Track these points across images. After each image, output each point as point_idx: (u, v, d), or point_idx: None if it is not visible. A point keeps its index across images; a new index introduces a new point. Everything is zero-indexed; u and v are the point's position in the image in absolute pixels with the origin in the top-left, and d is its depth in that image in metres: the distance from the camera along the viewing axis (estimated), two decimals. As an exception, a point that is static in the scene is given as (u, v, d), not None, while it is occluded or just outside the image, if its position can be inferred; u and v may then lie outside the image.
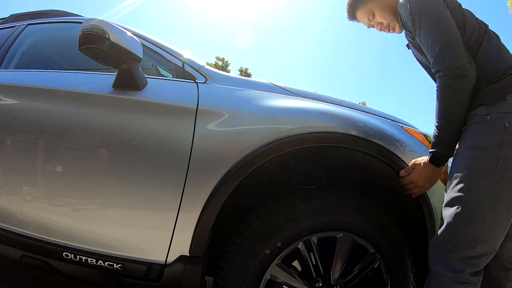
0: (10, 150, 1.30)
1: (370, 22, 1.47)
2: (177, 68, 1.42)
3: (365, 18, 1.47)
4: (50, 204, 1.24)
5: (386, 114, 1.48)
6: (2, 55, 1.62)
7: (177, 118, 1.22)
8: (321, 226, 1.22)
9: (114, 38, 1.16)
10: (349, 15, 1.51)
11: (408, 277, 1.30)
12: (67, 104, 1.30)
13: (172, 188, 1.15)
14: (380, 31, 1.50)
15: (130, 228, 1.17)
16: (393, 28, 1.45)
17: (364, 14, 1.46)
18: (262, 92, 1.34)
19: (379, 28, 1.48)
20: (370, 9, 1.45)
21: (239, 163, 1.15)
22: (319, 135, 1.23)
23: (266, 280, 1.18)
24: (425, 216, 1.30)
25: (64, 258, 1.19)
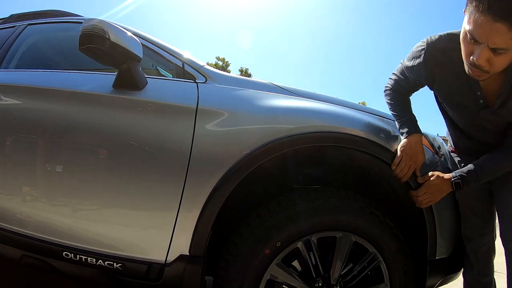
0: (10, 150, 1.30)
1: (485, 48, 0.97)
2: (177, 68, 1.42)
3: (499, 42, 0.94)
4: (50, 204, 1.24)
5: (386, 114, 1.48)
6: (2, 55, 1.62)
7: (177, 118, 1.22)
8: (321, 226, 1.22)
9: (114, 38, 1.16)
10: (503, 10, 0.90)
11: (408, 277, 1.30)
12: (67, 104, 1.30)
13: (172, 187, 1.15)
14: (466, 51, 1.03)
15: (130, 228, 1.17)
16: (483, 78, 1.06)
17: (506, 39, 0.93)
18: (262, 92, 1.34)
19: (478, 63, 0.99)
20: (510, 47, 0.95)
21: (239, 163, 1.15)
22: (319, 135, 1.23)
23: (266, 280, 1.18)
24: (425, 216, 1.30)
25: (64, 257, 1.19)
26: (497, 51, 0.96)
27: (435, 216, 1.31)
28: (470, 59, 1.01)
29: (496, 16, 0.91)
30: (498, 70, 1.01)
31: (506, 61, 0.99)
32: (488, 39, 0.95)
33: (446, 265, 1.38)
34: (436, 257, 1.33)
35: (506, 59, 0.98)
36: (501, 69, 1.01)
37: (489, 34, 0.94)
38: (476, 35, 0.97)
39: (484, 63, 0.99)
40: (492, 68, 1.00)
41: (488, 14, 0.92)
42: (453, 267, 1.42)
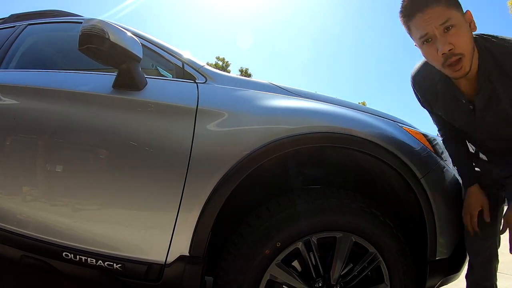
0: (10, 150, 1.30)
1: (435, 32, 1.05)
2: (177, 68, 1.42)
3: (438, 19, 1.04)
4: (50, 204, 1.24)
5: (386, 114, 1.48)
6: (2, 55, 1.62)
7: (177, 118, 1.22)
8: (321, 226, 1.22)
9: (114, 38, 1.16)
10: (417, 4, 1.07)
11: (408, 277, 1.30)
12: (67, 104, 1.30)
13: (172, 188, 1.15)
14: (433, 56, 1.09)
15: (130, 228, 1.17)
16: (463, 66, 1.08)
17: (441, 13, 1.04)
18: (262, 92, 1.34)
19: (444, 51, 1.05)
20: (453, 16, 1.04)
21: (239, 163, 1.15)
22: (319, 135, 1.23)
23: (266, 280, 1.18)
24: (425, 216, 1.30)
25: (64, 258, 1.19)
26: (447, 29, 1.04)
27: (435, 216, 1.30)
28: (440, 56, 1.07)
29: (417, 9, 1.05)
30: (465, 46, 1.05)
31: (463, 33, 1.05)
32: (432, 26, 1.04)
33: (446, 265, 1.38)
34: (436, 258, 1.32)
35: (461, 32, 1.05)
36: (465, 45, 1.05)
37: (428, 22, 1.04)
38: (423, 32, 1.07)
39: (449, 46, 1.04)
40: (458, 46, 1.05)
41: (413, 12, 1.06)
42: (453, 267, 1.42)
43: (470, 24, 1.09)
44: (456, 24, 1.04)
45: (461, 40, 1.05)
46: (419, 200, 1.29)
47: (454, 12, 1.05)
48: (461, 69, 1.08)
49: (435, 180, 1.35)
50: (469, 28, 1.08)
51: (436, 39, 1.06)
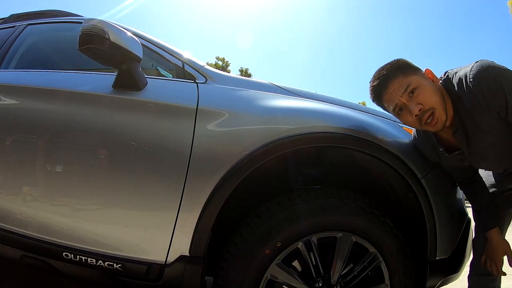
0: (10, 150, 1.30)
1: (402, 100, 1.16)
2: (177, 68, 1.42)
3: (399, 89, 1.17)
4: (50, 204, 1.24)
5: (386, 114, 1.47)
6: (2, 55, 1.62)
7: (177, 118, 1.22)
8: (321, 226, 1.22)
9: (114, 38, 1.16)
10: (380, 81, 1.20)
11: (408, 277, 1.30)
12: (67, 104, 1.30)
13: (172, 188, 1.15)
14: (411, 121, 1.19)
15: (130, 228, 1.17)
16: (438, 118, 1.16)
17: (401, 83, 1.16)
18: (262, 92, 1.34)
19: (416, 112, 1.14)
20: (412, 81, 1.16)
21: (239, 163, 1.15)
22: (319, 135, 1.23)
23: (266, 280, 1.18)
24: (425, 216, 1.30)
25: (64, 258, 1.19)
26: (411, 93, 1.16)
27: (435, 216, 1.30)
28: (415, 119, 1.17)
29: (381, 88, 1.20)
30: (431, 101, 1.15)
31: (426, 92, 1.16)
32: (397, 98, 1.18)
33: (446, 265, 1.38)
34: (437, 258, 1.33)
35: (424, 90, 1.16)
36: (432, 100, 1.15)
37: (393, 95, 1.18)
38: (393, 105, 1.20)
39: (418, 107, 1.15)
40: (426, 103, 1.15)
41: (380, 92, 1.21)
42: (453, 267, 1.42)
43: (432, 80, 1.20)
44: (418, 85, 1.16)
45: (426, 97, 1.15)
46: (419, 200, 1.29)
47: (412, 77, 1.17)
48: (437, 122, 1.17)
49: (435, 180, 1.35)
50: (431, 83, 1.19)
51: (406, 105, 1.17)
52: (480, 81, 1.11)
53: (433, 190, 1.32)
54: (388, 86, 1.19)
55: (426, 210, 1.30)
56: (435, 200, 1.31)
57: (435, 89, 1.18)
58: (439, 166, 1.38)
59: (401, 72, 1.18)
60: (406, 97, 1.17)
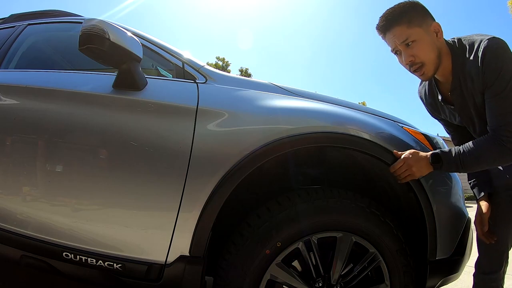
0: (10, 150, 1.30)
1: (400, 47, 1.25)
2: (177, 68, 1.42)
3: (399, 38, 1.24)
4: (50, 204, 1.23)
5: (386, 114, 1.48)
6: (2, 55, 1.62)
7: (177, 118, 1.22)
8: (321, 226, 1.22)
9: (114, 38, 1.16)
10: (385, 23, 1.26)
11: (408, 277, 1.30)
12: (67, 104, 1.30)
13: (172, 188, 1.15)
14: (403, 64, 1.28)
15: (130, 228, 1.17)
16: (424, 72, 1.26)
17: (402, 33, 1.23)
18: (262, 92, 1.34)
19: (407, 62, 1.25)
20: (413, 34, 1.22)
21: (239, 163, 1.15)
22: (319, 135, 1.23)
23: (266, 280, 1.18)
24: (425, 216, 1.30)
25: (64, 258, 1.18)
26: (408, 45, 1.23)
27: (435, 216, 1.30)
28: (406, 65, 1.27)
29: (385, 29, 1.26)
30: (424, 56, 1.24)
31: (422, 47, 1.23)
32: (395, 43, 1.25)
33: (446, 265, 1.38)
34: (437, 258, 1.33)
35: (421, 45, 1.23)
36: (425, 55, 1.24)
37: (393, 40, 1.26)
38: (392, 47, 1.28)
39: (410, 58, 1.24)
40: (418, 57, 1.24)
41: (384, 32, 1.28)
42: (453, 267, 1.42)
43: (437, 34, 1.25)
44: (416, 39, 1.23)
45: (420, 52, 1.23)
46: (419, 200, 1.29)
47: (414, 29, 1.23)
48: (423, 74, 1.27)
49: (435, 180, 1.35)
50: (432, 39, 1.25)
51: (401, 52, 1.26)
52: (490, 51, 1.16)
53: (433, 190, 1.32)
54: (391, 30, 1.25)
55: (426, 210, 1.30)
56: (435, 200, 1.31)
57: (433, 46, 1.25)
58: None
59: (407, 20, 1.23)
60: (403, 46, 1.24)
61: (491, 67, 1.16)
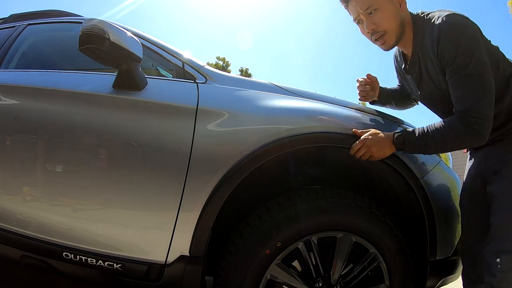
0: (10, 150, 1.30)
1: (362, 16, 1.25)
2: (177, 68, 1.42)
3: (362, 6, 1.23)
4: (50, 204, 1.23)
5: (386, 114, 1.48)
6: (2, 55, 1.62)
7: (177, 118, 1.22)
8: (321, 226, 1.22)
9: (114, 38, 1.16)
10: None
11: (408, 277, 1.30)
12: (67, 104, 1.30)
13: (172, 188, 1.15)
14: (365, 33, 1.29)
15: (130, 228, 1.17)
16: (386, 40, 1.26)
17: (364, 1, 1.23)
18: (262, 92, 1.34)
19: (369, 30, 1.26)
20: (375, 2, 1.22)
21: (239, 163, 1.15)
22: (319, 135, 1.23)
23: (266, 280, 1.18)
24: (425, 216, 1.30)
25: (64, 258, 1.18)
26: (370, 13, 1.23)
27: (435, 216, 1.30)
28: (367, 33, 1.27)
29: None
30: (386, 25, 1.24)
31: (384, 16, 1.23)
32: (357, 11, 1.25)
33: (446, 265, 1.38)
34: (436, 258, 1.33)
35: (383, 13, 1.23)
36: (387, 24, 1.24)
37: (355, 8, 1.25)
38: (354, 16, 1.28)
39: (372, 26, 1.24)
40: (380, 25, 1.24)
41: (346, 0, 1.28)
42: (453, 268, 1.42)
43: (400, 4, 1.25)
44: (379, 7, 1.22)
45: (382, 21, 1.23)
46: (419, 200, 1.29)
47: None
48: (385, 43, 1.27)
49: (435, 180, 1.35)
50: (396, 8, 1.24)
51: (363, 20, 1.26)
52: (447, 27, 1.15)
53: (433, 190, 1.32)
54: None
55: (426, 210, 1.30)
56: (435, 200, 1.31)
57: (396, 14, 1.24)
58: (439, 166, 1.38)
59: None
60: (365, 15, 1.24)
61: (448, 45, 1.14)
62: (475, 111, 1.12)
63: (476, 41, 1.14)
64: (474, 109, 1.12)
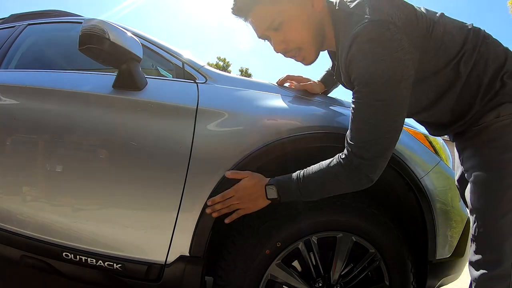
0: (10, 150, 1.30)
1: (267, 32, 1.01)
2: (177, 68, 1.42)
3: (262, 22, 1.00)
4: (50, 204, 1.24)
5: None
6: (2, 55, 1.62)
7: (177, 118, 1.22)
8: (321, 226, 1.22)
9: (114, 38, 1.16)
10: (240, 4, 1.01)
11: (408, 277, 1.30)
12: (67, 104, 1.30)
13: (172, 188, 1.15)
14: (277, 52, 1.04)
15: (130, 228, 1.17)
16: (304, 57, 1.04)
17: (265, 15, 0.98)
18: (262, 92, 1.34)
19: (279, 50, 1.03)
20: (279, 13, 0.97)
21: (239, 163, 1.15)
22: (320, 135, 1.23)
23: (266, 280, 1.18)
24: (425, 216, 1.30)
25: (64, 258, 1.19)
26: (275, 29, 0.99)
27: (435, 216, 1.30)
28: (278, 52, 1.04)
29: (245, 12, 1.01)
30: (297, 39, 1.00)
31: (293, 28, 0.99)
32: (261, 28, 1.01)
33: (446, 265, 1.38)
34: (436, 258, 1.33)
35: (293, 25, 0.99)
36: (298, 37, 1.00)
37: (257, 26, 1.01)
38: (258, 34, 1.04)
39: (281, 46, 1.02)
40: (291, 41, 1.01)
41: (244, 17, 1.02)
42: (453, 268, 1.42)
43: (313, 4, 0.99)
44: (285, 19, 0.97)
45: (294, 35, 0.99)
46: (419, 200, 1.29)
47: (281, 6, 0.97)
48: (304, 59, 1.05)
49: (435, 180, 1.35)
50: (307, 12, 0.99)
51: (271, 40, 1.03)
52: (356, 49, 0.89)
53: (433, 190, 1.32)
54: (252, 11, 0.99)
55: (426, 210, 1.30)
56: (435, 200, 1.31)
57: (309, 21, 0.99)
58: (439, 166, 1.38)
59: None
60: (271, 32, 1.00)
61: (357, 70, 0.91)
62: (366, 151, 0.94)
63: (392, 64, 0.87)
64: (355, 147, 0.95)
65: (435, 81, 0.99)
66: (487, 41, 0.98)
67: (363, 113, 0.93)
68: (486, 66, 0.96)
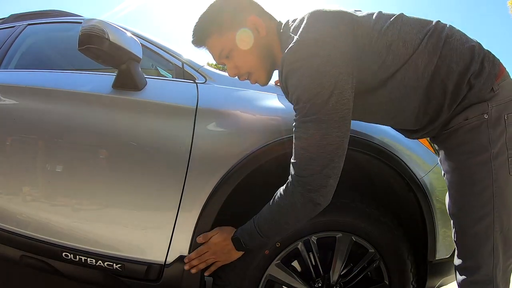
0: (10, 150, 1.30)
1: (222, 60, 1.09)
2: (177, 68, 1.42)
3: (215, 52, 1.08)
4: (50, 204, 1.24)
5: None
6: (2, 55, 1.62)
7: (176, 118, 1.22)
8: (321, 226, 1.22)
9: (113, 38, 1.16)
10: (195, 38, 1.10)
11: (408, 277, 1.30)
12: (67, 104, 1.30)
13: (171, 188, 1.15)
14: (231, 76, 1.11)
15: (130, 228, 1.17)
16: (257, 79, 1.10)
17: (215, 45, 1.07)
18: (262, 92, 1.34)
19: (232, 74, 1.10)
20: (227, 42, 1.04)
21: (239, 163, 1.15)
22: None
23: (265, 280, 1.18)
24: (425, 216, 1.30)
25: (63, 258, 1.19)
26: (227, 56, 1.07)
27: (435, 216, 1.30)
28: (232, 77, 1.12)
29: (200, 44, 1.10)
30: (246, 65, 1.07)
31: (240, 56, 1.06)
32: (215, 57, 1.09)
33: (446, 265, 1.38)
34: (436, 258, 1.33)
35: (238, 56, 1.06)
36: (248, 64, 1.06)
37: (212, 55, 1.09)
38: (216, 61, 1.12)
39: (233, 71, 1.09)
40: (242, 67, 1.08)
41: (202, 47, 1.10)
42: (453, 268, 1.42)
43: (259, 31, 1.04)
44: (232, 48, 1.05)
45: (242, 61, 1.06)
46: (419, 200, 1.29)
47: (229, 37, 1.04)
48: (258, 81, 1.11)
49: (435, 180, 1.35)
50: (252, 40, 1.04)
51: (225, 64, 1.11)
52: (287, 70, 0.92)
53: (433, 190, 1.32)
54: (205, 44, 1.09)
55: (426, 210, 1.30)
56: (435, 200, 1.31)
57: (257, 48, 1.04)
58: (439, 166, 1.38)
59: (217, 27, 1.04)
60: (223, 59, 1.08)
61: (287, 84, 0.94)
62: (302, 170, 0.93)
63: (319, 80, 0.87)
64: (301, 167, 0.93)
65: (388, 91, 0.97)
66: (449, 41, 0.93)
67: (299, 131, 0.92)
68: (449, 70, 0.92)
